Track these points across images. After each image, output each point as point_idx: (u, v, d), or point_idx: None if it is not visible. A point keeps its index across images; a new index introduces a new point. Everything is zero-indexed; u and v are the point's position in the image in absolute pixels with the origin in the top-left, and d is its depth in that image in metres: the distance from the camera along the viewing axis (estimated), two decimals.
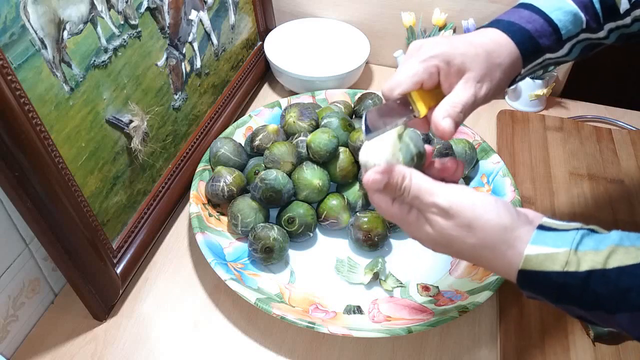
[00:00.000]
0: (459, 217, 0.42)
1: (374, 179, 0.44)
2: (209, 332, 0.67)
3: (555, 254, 0.39)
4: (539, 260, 0.39)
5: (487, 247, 0.41)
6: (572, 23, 0.52)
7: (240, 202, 0.73)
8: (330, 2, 1.04)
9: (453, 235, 0.42)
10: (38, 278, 0.66)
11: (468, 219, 0.41)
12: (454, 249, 0.44)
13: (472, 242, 0.42)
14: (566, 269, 0.38)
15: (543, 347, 0.63)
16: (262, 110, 0.89)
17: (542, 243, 0.40)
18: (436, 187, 0.43)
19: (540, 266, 0.39)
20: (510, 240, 0.41)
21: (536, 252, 0.39)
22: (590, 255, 0.38)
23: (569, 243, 0.39)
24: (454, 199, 0.42)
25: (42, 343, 0.65)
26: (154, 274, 0.73)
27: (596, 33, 0.54)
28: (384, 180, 0.44)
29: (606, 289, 0.37)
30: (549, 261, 0.39)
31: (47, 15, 0.53)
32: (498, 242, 0.41)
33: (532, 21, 0.51)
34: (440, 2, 0.96)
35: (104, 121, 0.63)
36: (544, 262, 0.39)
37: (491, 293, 0.64)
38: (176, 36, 0.75)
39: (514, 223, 0.41)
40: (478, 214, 0.41)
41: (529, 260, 0.40)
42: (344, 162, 0.75)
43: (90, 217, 0.61)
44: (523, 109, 0.97)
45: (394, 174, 0.44)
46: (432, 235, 0.44)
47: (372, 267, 0.70)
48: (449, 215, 0.42)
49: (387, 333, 0.61)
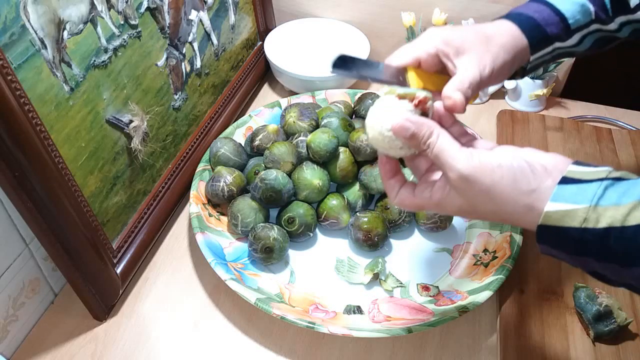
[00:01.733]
0: (478, 183, 0.42)
1: (403, 125, 0.45)
2: (209, 332, 0.67)
3: (574, 210, 0.39)
4: (558, 217, 0.40)
5: (507, 211, 0.42)
6: (580, 13, 0.54)
7: (240, 202, 0.73)
8: (330, 2, 1.04)
9: (474, 201, 0.43)
10: (38, 278, 0.66)
11: (486, 185, 0.42)
12: (480, 214, 0.45)
13: (491, 208, 0.43)
14: (584, 226, 0.39)
15: (543, 347, 0.63)
16: (262, 110, 0.89)
17: (562, 199, 0.40)
18: (458, 152, 0.43)
19: (559, 222, 0.40)
20: (528, 203, 0.41)
21: (555, 208, 0.40)
22: (610, 211, 0.38)
23: (589, 199, 0.39)
24: (473, 166, 0.42)
25: (42, 343, 0.65)
26: (154, 274, 0.73)
27: (607, 25, 0.55)
28: (412, 128, 0.44)
29: (623, 245, 0.38)
30: (568, 217, 0.39)
31: (47, 15, 0.53)
32: (517, 207, 0.42)
33: (539, 11, 0.53)
34: (440, 2, 0.96)
35: (104, 121, 0.63)
36: (563, 218, 0.39)
37: (491, 293, 0.64)
38: (176, 36, 0.75)
39: (532, 184, 0.41)
40: (496, 180, 0.42)
41: (548, 216, 0.40)
42: (344, 162, 0.75)
43: (90, 217, 0.61)
44: (523, 109, 0.97)
45: (424, 127, 0.44)
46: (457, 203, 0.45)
47: (372, 267, 0.70)
48: (469, 182, 0.42)
49: (387, 333, 0.61)
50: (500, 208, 0.42)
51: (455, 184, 0.43)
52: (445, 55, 0.50)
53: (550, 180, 0.41)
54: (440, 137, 0.44)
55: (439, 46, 0.49)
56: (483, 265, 0.70)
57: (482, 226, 0.75)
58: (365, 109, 0.85)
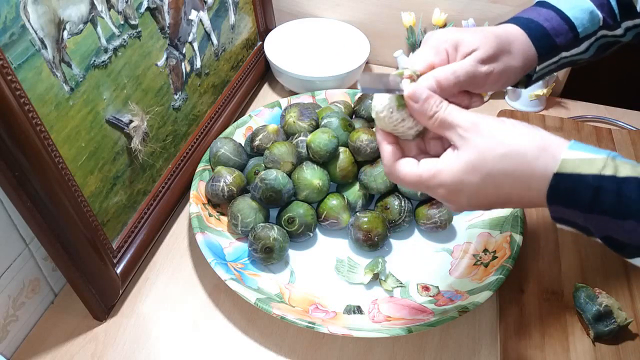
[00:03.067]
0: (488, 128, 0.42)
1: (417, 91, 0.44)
2: (209, 332, 0.67)
3: (593, 159, 0.39)
4: (576, 164, 0.39)
5: (519, 154, 0.40)
6: (589, 21, 0.53)
7: (240, 202, 0.73)
8: (330, 2, 1.04)
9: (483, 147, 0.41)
10: (38, 278, 0.66)
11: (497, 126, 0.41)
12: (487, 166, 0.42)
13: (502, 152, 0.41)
14: (603, 173, 0.38)
15: (543, 347, 0.63)
16: (262, 110, 0.89)
17: (580, 149, 0.39)
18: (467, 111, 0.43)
19: (576, 169, 0.39)
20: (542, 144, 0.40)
21: (573, 156, 0.39)
22: (627, 165, 0.38)
23: (606, 153, 0.39)
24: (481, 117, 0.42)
25: (42, 343, 0.65)
26: (154, 274, 0.73)
27: (613, 30, 0.54)
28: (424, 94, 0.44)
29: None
30: (587, 164, 0.39)
31: (47, 15, 0.53)
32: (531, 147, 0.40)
33: (549, 19, 0.52)
34: (440, 2, 0.96)
35: (104, 121, 0.63)
36: (580, 165, 0.39)
37: (491, 293, 0.64)
38: (176, 36, 0.75)
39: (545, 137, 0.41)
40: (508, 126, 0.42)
41: (565, 163, 0.39)
42: (344, 162, 0.75)
43: (90, 217, 0.61)
44: (523, 109, 0.97)
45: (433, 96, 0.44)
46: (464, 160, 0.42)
47: (372, 267, 0.70)
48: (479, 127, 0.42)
49: (387, 333, 0.61)
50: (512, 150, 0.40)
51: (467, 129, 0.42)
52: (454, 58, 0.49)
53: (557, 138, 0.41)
54: (450, 106, 0.44)
55: (448, 48, 0.49)
56: (483, 265, 0.70)
57: (482, 226, 0.75)
58: (366, 109, 0.85)
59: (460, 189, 0.43)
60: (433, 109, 0.44)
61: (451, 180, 0.43)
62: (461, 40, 0.48)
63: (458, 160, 0.43)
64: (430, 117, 0.44)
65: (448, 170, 0.43)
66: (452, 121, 0.43)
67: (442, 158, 0.44)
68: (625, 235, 0.39)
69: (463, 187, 0.43)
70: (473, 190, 0.43)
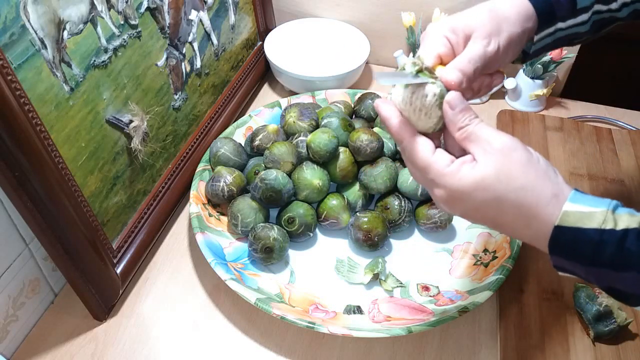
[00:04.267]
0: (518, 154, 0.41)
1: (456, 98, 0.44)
2: (209, 332, 0.67)
3: (592, 213, 0.39)
4: (577, 217, 0.39)
5: (536, 191, 0.41)
6: None
7: (240, 202, 0.73)
8: (330, 2, 1.04)
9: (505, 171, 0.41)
10: (38, 278, 0.66)
11: (525, 159, 0.41)
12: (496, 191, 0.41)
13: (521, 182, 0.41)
14: (603, 227, 0.38)
15: (543, 347, 0.63)
16: (262, 110, 0.89)
17: (580, 202, 0.40)
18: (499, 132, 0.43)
19: (577, 222, 0.39)
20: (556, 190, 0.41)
21: (574, 209, 0.39)
22: (626, 217, 0.39)
23: (606, 204, 0.39)
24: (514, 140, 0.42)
25: (42, 343, 0.65)
26: (154, 274, 0.73)
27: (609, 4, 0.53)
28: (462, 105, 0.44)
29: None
30: (587, 218, 0.39)
31: (47, 15, 0.53)
32: (547, 188, 0.41)
33: None
34: (440, 2, 0.96)
35: (104, 121, 0.63)
36: (581, 218, 0.39)
37: (491, 293, 0.64)
38: (176, 36, 0.75)
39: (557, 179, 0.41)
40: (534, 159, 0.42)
41: (566, 216, 0.39)
42: (344, 162, 0.75)
43: (90, 217, 0.61)
44: (523, 109, 0.97)
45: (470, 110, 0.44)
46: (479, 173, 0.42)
47: (372, 267, 0.70)
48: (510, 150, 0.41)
49: (387, 333, 0.61)
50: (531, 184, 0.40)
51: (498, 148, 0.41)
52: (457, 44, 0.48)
53: (568, 187, 0.41)
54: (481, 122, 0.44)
55: (448, 36, 0.48)
56: (483, 265, 0.70)
57: (482, 226, 0.75)
58: (366, 109, 0.85)
59: (462, 199, 0.43)
60: (466, 121, 0.43)
61: (457, 188, 0.43)
62: (455, 24, 0.48)
63: (474, 172, 0.42)
64: (460, 128, 0.44)
65: (459, 177, 0.42)
66: (480, 136, 0.43)
67: (457, 162, 0.43)
68: (628, 286, 0.40)
69: (466, 199, 0.43)
70: (474, 206, 0.43)
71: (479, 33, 0.48)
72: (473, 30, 0.48)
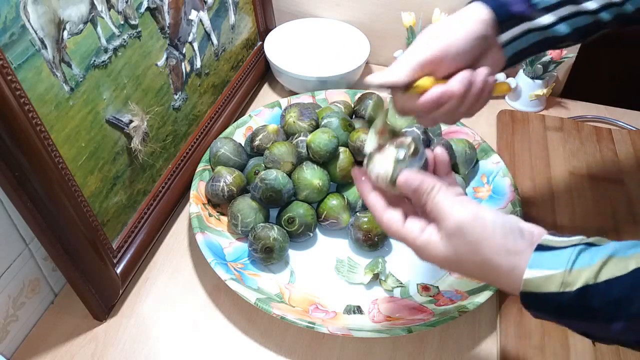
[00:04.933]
0: (470, 233, 0.43)
1: (409, 179, 0.47)
2: (209, 332, 0.67)
3: (551, 276, 0.40)
4: (538, 283, 0.41)
5: (492, 266, 0.43)
6: None
7: (240, 202, 0.73)
8: (330, 2, 1.04)
9: (462, 251, 0.44)
10: (38, 278, 0.66)
11: (479, 235, 0.43)
12: (463, 267, 0.45)
13: (479, 260, 0.44)
14: (561, 290, 0.40)
15: (543, 347, 0.63)
16: (262, 110, 0.89)
17: (539, 266, 0.41)
18: (455, 204, 0.45)
19: (538, 288, 0.41)
20: (512, 262, 0.42)
21: (534, 275, 0.41)
22: (585, 272, 0.40)
23: (564, 263, 0.40)
24: (468, 214, 0.44)
25: (42, 343, 0.65)
26: (154, 274, 0.73)
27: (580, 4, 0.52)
28: (415, 183, 0.47)
29: (599, 301, 0.39)
30: (547, 283, 0.41)
31: (47, 15, 0.53)
32: (503, 264, 0.43)
33: None
34: (440, 2, 0.96)
35: (104, 121, 0.63)
36: (542, 284, 0.41)
37: (491, 293, 0.64)
38: (176, 36, 0.75)
39: (517, 246, 0.43)
40: (488, 232, 0.43)
41: (528, 282, 0.41)
42: (344, 162, 0.75)
43: (90, 217, 0.61)
44: (523, 109, 0.97)
45: (427, 181, 0.47)
46: (442, 252, 0.45)
47: (372, 267, 0.70)
48: (463, 230, 0.44)
49: (387, 333, 0.61)
50: (486, 263, 0.43)
51: (450, 231, 0.44)
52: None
53: (531, 248, 0.42)
54: (440, 192, 0.46)
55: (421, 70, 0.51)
56: None
57: None
58: (366, 109, 0.85)
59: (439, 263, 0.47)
60: (423, 199, 0.47)
61: (432, 260, 0.47)
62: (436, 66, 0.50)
63: (439, 250, 0.46)
64: (422, 204, 0.47)
65: (429, 252, 0.47)
66: (437, 215, 0.45)
67: (426, 234, 0.47)
68: (598, 333, 0.41)
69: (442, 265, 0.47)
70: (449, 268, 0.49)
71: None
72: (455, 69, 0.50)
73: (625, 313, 0.38)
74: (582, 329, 0.42)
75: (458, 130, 0.85)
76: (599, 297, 0.39)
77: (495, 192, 0.77)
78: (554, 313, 0.42)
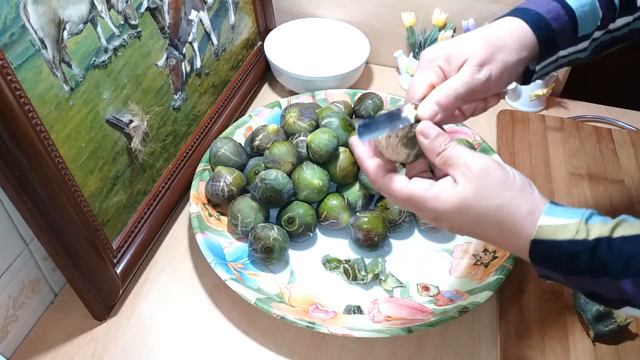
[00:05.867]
0: (495, 176, 0.43)
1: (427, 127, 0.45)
2: (209, 332, 0.67)
3: (566, 225, 0.41)
4: (551, 230, 0.41)
5: (513, 208, 0.42)
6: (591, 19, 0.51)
7: (240, 202, 0.73)
8: (330, 2, 1.04)
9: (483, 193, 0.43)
10: (38, 278, 0.66)
11: (501, 179, 0.43)
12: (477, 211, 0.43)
13: (499, 202, 0.43)
14: (576, 237, 0.40)
15: (543, 347, 0.63)
16: (262, 110, 0.89)
17: (555, 214, 0.42)
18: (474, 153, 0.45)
19: (552, 235, 0.41)
20: (531, 206, 0.42)
21: (549, 222, 0.42)
22: (598, 226, 0.41)
23: (579, 215, 0.41)
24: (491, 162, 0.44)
25: (42, 343, 0.65)
26: (154, 274, 0.73)
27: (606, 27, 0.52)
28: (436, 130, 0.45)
29: (611, 256, 0.40)
30: (561, 231, 0.41)
31: (47, 15, 0.53)
32: (523, 205, 0.42)
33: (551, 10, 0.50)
34: (440, 2, 0.96)
35: (104, 121, 0.63)
36: (556, 231, 0.41)
37: (491, 293, 0.64)
38: (176, 36, 0.75)
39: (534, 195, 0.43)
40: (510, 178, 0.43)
41: (541, 229, 0.41)
42: (344, 162, 0.75)
43: (90, 217, 0.61)
44: (523, 109, 0.97)
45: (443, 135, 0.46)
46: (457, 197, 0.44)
47: (372, 267, 0.70)
48: (487, 173, 0.43)
49: (387, 333, 0.61)
50: (507, 203, 0.42)
51: (476, 172, 0.43)
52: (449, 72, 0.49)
53: (543, 201, 0.43)
54: (456, 145, 0.45)
55: (441, 65, 0.49)
56: (483, 265, 0.70)
57: None
58: (366, 109, 0.85)
59: (447, 219, 0.45)
60: (442, 146, 0.45)
61: (441, 209, 0.45)
62: (450, 52, 0.49)
63: (455, 194, 0.44)
64: (437, 154, 0.45)
65: (441, 200, 0.44)
66: (457, 160, 0.44)
67: (438, 185, 0.45)
68: (605, 291, 0.42)
69: (451, 218, 0.45)
70: (458, 225, 0.45)
71: (471, 61, 0.48)
72: (466, 58, 0.48)
73: (636, 270, 0.39)
74: (588, 286, 0.42)
75: (458, 130, 0.85)
76: (612, 251, 0.39)
77: None
78: (563, 266, 0.41)
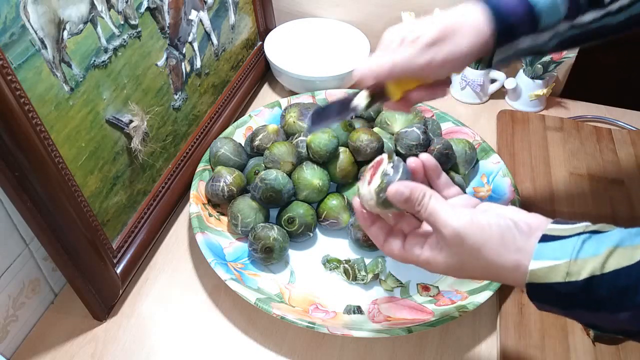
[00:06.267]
0: (469, 240, 0.43)
1: (398, 190, 0.46)
2: (209, 332, 0.67)
3: (556, 266, 0.41)
4: (543, 273, 0.41)
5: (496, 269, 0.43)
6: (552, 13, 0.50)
7: (240, 202, 0.73)
8: (330, 2, 1.04)
9: (464, 258, 0.44)
10: (38, 278, 0.66)
11: (477, 242, 0.43)
12: (468, 272, 0.46)
13: (481, 264, 0.44)
14: (567, 280, 0.40)
15: (543, 347, 0.63)
16: (262, 110, 0.89)
17: (544, 257, 0.41)
18: (450, 211, 0.45)
19: (544, 278, 0.41)
20: (515, 260, 0.43)
21: (539, 266, 0.41)
22: (590, 261, 0.40)
23: (569, 253, 0.41)
24: (465, 222, 0.44)
25: (42, 343, 0.65)
26: (154, 274, 0.73)
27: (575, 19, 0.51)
28: (406, 193, 0.46)
29: (606, 291, 0.39)
30: (552, 273, 0.41)
31: (47, 15, 0.53)
32: (505, 264, 0.43)
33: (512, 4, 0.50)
34: (441, 2, 0.96)
35: (104, 121, 0.63)
36: (547, 274, 0.41)
37: (491, 293, 0.64)
38: (176, 36, 0.75)
39: (518, 242, 0.43)
40: (486, 237, 0.43)
41: (533, 274, 0.41)
42: (344, 162, 0.75)
43: (90, 217, 0.61)
44: (523, 109, 0.97)
45: (417, 190, 0.46)
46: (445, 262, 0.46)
47: (372, 267, 0.70)
48: (461, 238, 0.44)
49: (387, 333, 0.61)
50: (490, 265, 0.43)
51: (449, 240, 0.44)
52: None
53: (533, 238, 0.42)
54: (432, 198, 0.46)
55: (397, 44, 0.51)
56: None
57: None
58: None
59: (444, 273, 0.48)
60: (416, 207, 0.46)
61: (435, 269, 0.47)
62: (406, 32, 0.50)
63: (441, 262, 0.46)
64: (417, 212, 0.46)
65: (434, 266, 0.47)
66: (434, 223, 0.45)
67: (426, 251, 0.47)
68: (604, 324, 0.41)
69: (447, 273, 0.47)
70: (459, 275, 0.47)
71: (420, 40, 0.50)
72: (418, 37, 0.50)
73: (632, 303, 0.38)
74: (588, 319, 0.42)
75: (458, 130, 0.85)
76: (606, 287, 0.39)
77: (495, 192, 0.77)
78: (559, 304, 0.42)
